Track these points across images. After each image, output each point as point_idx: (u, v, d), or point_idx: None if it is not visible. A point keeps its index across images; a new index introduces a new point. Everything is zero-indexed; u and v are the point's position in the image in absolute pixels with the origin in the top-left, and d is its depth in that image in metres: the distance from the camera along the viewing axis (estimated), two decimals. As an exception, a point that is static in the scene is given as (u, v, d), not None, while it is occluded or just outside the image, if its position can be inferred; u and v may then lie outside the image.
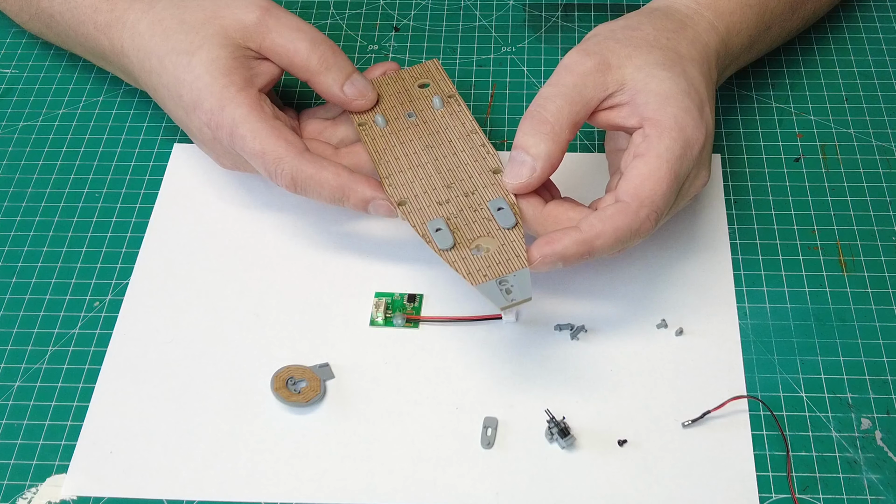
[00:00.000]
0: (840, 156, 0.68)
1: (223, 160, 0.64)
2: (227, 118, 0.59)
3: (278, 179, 0.59)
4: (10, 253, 0.65)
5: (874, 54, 0.74)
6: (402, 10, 0.79)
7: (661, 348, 0.59)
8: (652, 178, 0.54)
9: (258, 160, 0.59)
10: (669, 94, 0.56)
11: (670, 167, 0.55)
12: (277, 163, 0.59)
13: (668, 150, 0.55)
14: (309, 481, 0.55)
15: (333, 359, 0.59)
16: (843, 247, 0.64)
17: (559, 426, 0.55)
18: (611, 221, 0.54)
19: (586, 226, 0.54)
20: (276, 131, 0.59)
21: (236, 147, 0.60)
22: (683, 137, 0.55)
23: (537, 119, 0.56)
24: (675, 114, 0.56)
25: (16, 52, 0.77)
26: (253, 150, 0.59)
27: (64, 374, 0.60)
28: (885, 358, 0.59)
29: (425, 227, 0.57)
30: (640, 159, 0.55)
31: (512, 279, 0.54)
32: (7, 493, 0.55)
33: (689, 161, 0.56)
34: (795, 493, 0.54)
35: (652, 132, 0.56)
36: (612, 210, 0.54)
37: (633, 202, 0.54)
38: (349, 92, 0.62)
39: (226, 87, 0.60)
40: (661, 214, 0.55)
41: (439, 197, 0.59)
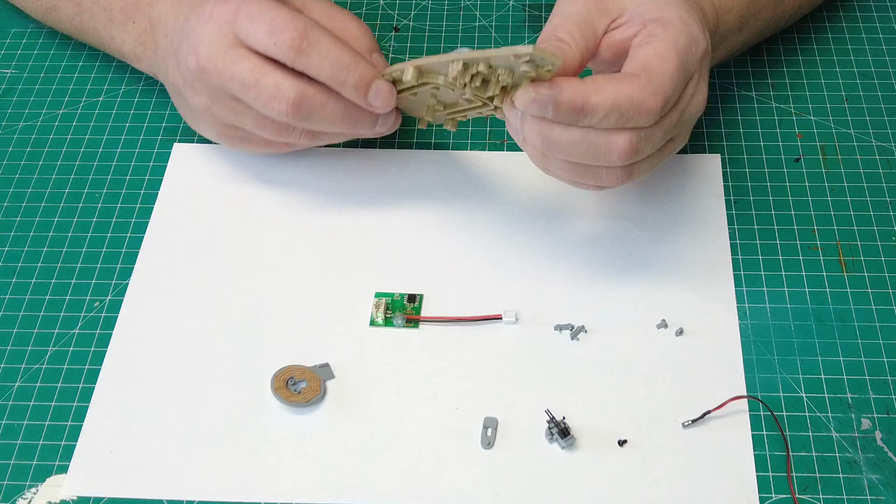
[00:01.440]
0: (840, 156, 0.68)
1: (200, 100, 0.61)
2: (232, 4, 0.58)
3: (275, 105, 0.57)
4: (10, 253, 0.65)
5: (874, 54, 0.74)
6: (402, 10, 0.79)
7: (661, 348, 0.59)
8: (660, 57, 0.53)
9: (252, 91, 0.57)
10: (670, 2, 0.56)
11: (678, 51, 0.53)
12: (276, 88, 0.57)
13: (675, 38, 0.54)
14: (309, 481, 0.55)
15: (333, 359, 0.59)
16: (843, 247, 0.64)
17: (559, 426, 0.55)
18: (615, 83, 0.52)
19: (590, 80, 0.52)
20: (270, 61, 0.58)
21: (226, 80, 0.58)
22: (689, 32, 0.54)
23: (551, 40, 0.54)
24: (679, 13, 0.55)
25: (16, 53, 0.77)
26: (244, 80, 0.58)
27: (64, 374, 0.60)
28: (885, 358, 0.59)
29: None
30: (647, 44, 0.54)
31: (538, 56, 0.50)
32: (7, 493, 0.55)
33: (694, 59, 0.54)
34: (795, 493, 0.54)
35: (656, 27, 0.54)
36: (618, 76, 0.52)
37: (641, 73, 0.52)
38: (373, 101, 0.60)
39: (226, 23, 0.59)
40: (667, 97, 0.52)
41: None
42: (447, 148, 0.69)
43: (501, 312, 0.60)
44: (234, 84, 0.59)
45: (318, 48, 0.57)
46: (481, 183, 0.67)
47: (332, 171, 0.68)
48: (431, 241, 0.64)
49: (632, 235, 0.64)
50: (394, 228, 0.65)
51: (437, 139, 0.70)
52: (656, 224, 0.64)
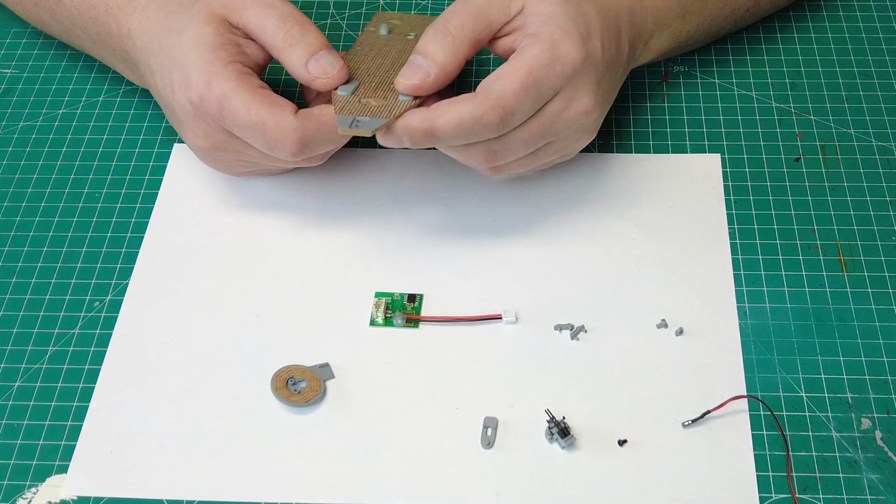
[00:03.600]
0: (840, 156, 0.68)
1: (201, 141, 0.62)
2: (214, 92, 0.58)
3: (283, 147, 0.58)
4: (10, 253, 0.65)
5: (874, 54, 0.74)
6: (401, 9, 0.79)
7: (661, 348, 0.59)
8: (507, 76, 0.57)
9: (256, 131, 0.58)
10: (552, 15, 0.59)
11: (529, 70, 0.57)
12: (278, 129, 0.58)
13: (532, 57, 0.57)
14: (309, 481, 0.55)
15: (333, 359, 0.59)
16: (843, 247, 0.64)
17: (559, 426, 0.55)
18: (455, 105, 0.56)
19: (434, 106, 0.57)
20: (269, 98, 0.59)
21: (227, 122, 0.59)
22: (553, 51, 0.57)
23: (440, 30, 0.59)
24: (552, 31, 0.58)
25: (16, 52, 0.77)
26: (248, 122, 0.58)
27: (64, 374, 0.60)
28: (886, 358, 0.59)
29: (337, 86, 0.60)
30: (505, 64, 0.58)
31: (366, 120, 0.57)
32: (7, 493, 0.55)
33: (556, 76, 0.57)
34: (795, 493, 0.54)
35: (524, 43, 0.58)
36: (463, 97, 0.57)
37: (480, 92, 0.57)
38: (313, 69, 0.60)
39: (211, 62, 0.59)
40: (507, 112, 0.56)
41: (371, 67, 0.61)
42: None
43: (501, 312, 0.60)
44: (232, 122, 0.59)
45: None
46: (482, 183, 0.67)
47: (333, 171, 0.68)
48: (431, 241, 0.64)
49: (632, 235, 0.64)
50: (394, 228, 0.65)
51: (437, 139, 0.70)
52: (656, 224, 0.64)
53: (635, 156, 0.68)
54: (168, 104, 0.63)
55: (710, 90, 0.72)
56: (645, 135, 0.69)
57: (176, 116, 0.62)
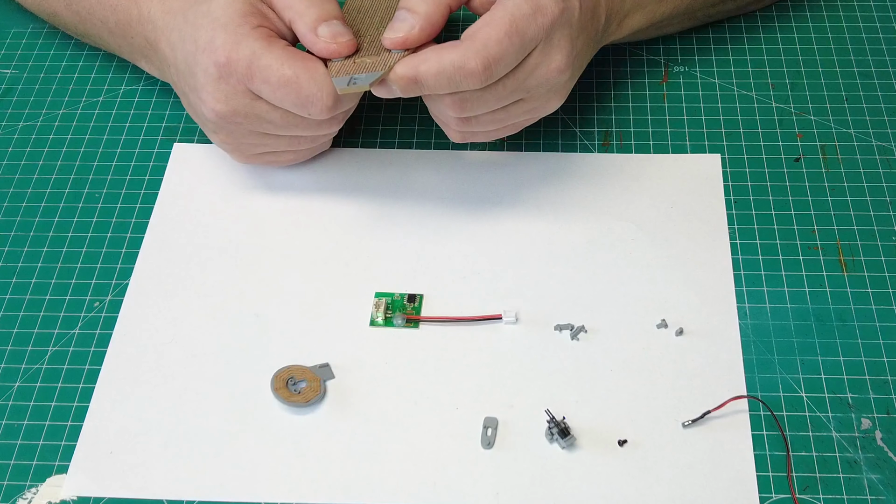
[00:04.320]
0: (840, 156, 0.68)
1: (221, 106, 0.60)
2: (244, 51, 0.58)
3: (317, 102, 0.58)
4: (10, 253, 0.65)
5: (874, 54, 0.74)
6: (402, 10, 0.78)
7: (661, 348, 0.59)
8: (490, 24, 0.57)
9: (290, 87, 0.58)
10: None
11: (513, 20, 0.57)
12: (314, 83, 0.58)
13: (515, 5, 0.57)
14: (309, 481, 0.55)
15: (333, 359, 0.59)
16: (843, 247, 0.64)
17: (559, 426, 0.55)
18: (439, 52, 0.56)
19: (419, 53, 0.57)
20: (300, 54, 0.59)
21: (256, 81, 0.58)
22: (535, 1, 0.57)
23: None
24: None
25: (16, 53, 0.77)
26: (281, 78, 0.58)
27: (64, 374, 0.60)
28: (886, 358, 0.59)
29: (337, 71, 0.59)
30: (487, 12, 0.58)
31: (363, 76, 0.57)
32: (7, 493, 0.55)
33: (538, 27, 0.57)
34: (795, 493, 0.54)
35: None
36: (447, 44, 0.57)
37: (464, 40, 0.57)
38: (322, 32, 0.59)
39: (240, 25, 0.59)
40: (492, 61, 0.56)
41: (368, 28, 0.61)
42: (447, 148, 0.69)
43: (501, 312, 0.60)
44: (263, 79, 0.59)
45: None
46: (481, 183, 0.67)
47: (333, 170, 0.68)
48: (431, 241, 0.64)
49: (632, 235, 0.64)
50: (394, 228, 0.65)
51: (437, 139, 0.70)
52: (656, 224, 0.64)
53: (635, 156, 0.68)
54: (189, 72, 0.61)
55: (710, 90, 0.72)
56: (645, 135, 0.69)
57: (196, 83, 0.61)
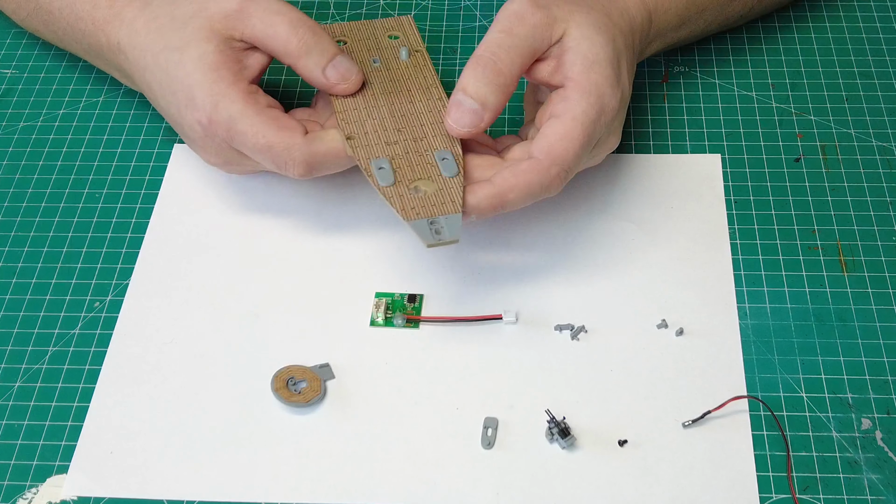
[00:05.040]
0: (840, 156, 0.68)
1: (213, 158, 0.63)
2: (222, 115, 0.59)
3: (291, 169, 0.59)
4: (11, 253, 0.65)
5: (874, 54, 0.74)
6: (402, 10, 0.79)
7: (662, 348, 0.59)
8: (566, 138, 0.57)
9: (265, 154, 0.59)
10: (596, 60, 0.58)
11: (584, 129, 0.57)
12: (287, 152, 0.58)
13: (583, 114, 0.57)
14: (309, 481, 0.55)
15: (334, 359, 0.59)
16: (843, 247, 0.64)
17: (559, 426, 0.55)
18: (523, 177, 0.56)
19: (500, 180, 0.56)
20: (276, 121, 0.59)
21: (235, 143, 0.59)
22: (600, 104, 0.58)
23: (492, 69, 0.58)
24: (597, 80, 0.58)
25: (16, 53, 0.77)
26: (257, 146, 0.59)
27: (64, 374, 0.60)
28: (886, 358, 0.59)
29: (369, 164, 0.58)
30: (556, 119, 0.57)
31: (443, 221, 0.56)
32: (7, 493, 0.55)
33: (602, 126, 0.58)
34: (796, 494, 0.54)
35: (572, 95, 0.58)
36: (525, 166, 0.57)
37: (545, 160, 0.57)
38: (331, 75, 0.61)
39: (215, 81, 0.59)
40: (570, 173, 0.58)
41: (388, 138, 0.59)
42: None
43: (501, 312, 0.60)
44: (240, 144, 0.60)
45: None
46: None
47: (333, 171, 0.68)
48: (431, 241, 0.64)
49: (632, 235, 0.64)
50: (394, 229, 0.65)
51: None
52: (656, 224, 0.64)
53: (635, 156, 0.68)
54: (175, 121, 0.63)
55: (710, 90, 0.72)
56: (645, 135, 0.69)
57: (185, 134, 0.63)
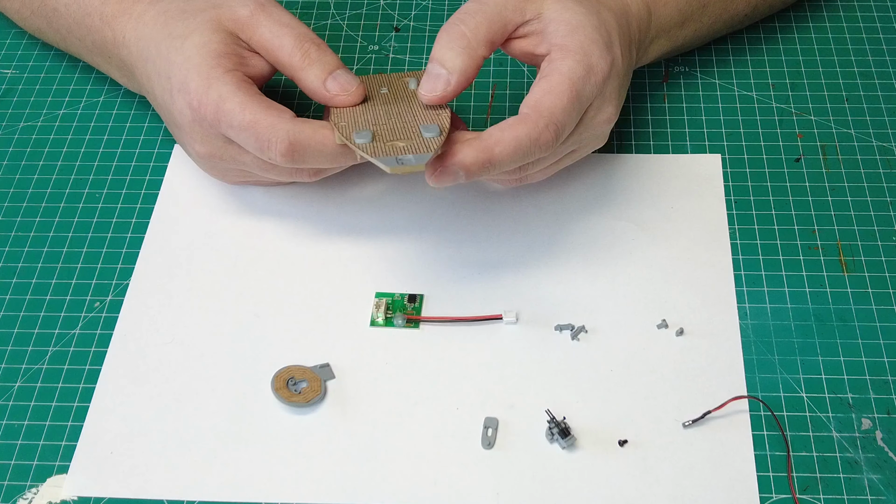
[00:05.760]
0: (840, 156, 0.68)
1: (199, 147, 0.62)
2: (212, 95, 0.59)
3: (273, 147, 0.58)
4: (11, 253, 0.65)
5: (874, 54, 0.74)
6: (402, 10, 0.79)
7: (662, 348, 0.59)
8: (552, 92, 0.57)
9: (249, 132, 0.58)
10: (579, 24, 0.59)
11: (572, 84, 0.57)
12: (271, 129, 0.58)
13: (570, 70, 0.57)
14: (309, 481, 0.55)
15: (334, 359, 0.59)
16: (843, 247, 0.64)
17: (560, 426, 0.55)
18: (510, 131, 0.56)
19: (486, 135, 0.56)
20: (265, 102, 0.59)
21: (223, 125, 0.59)
22: (587, 62, 0.58)
23: (455, 33, 0.58)
24: (581, 41, 0.58)
25: (16, 53, 0.77)
26: (243, 122, 0.58)
27: (64, 374, 0.60)
28: (886, 358, 0.59)
29: (351, 134, 0.57)
30: (543, 78, 0.58)
31: (412, 157, 0.55)
32: (7, 493, 0.55)
33: (593, 86, 0.58)
34: (796, 494, 0.54)
35: (557, 55, 0.58)
36: (512, 120, 0.57)
37: (532, 113, 0.56)
38: (331, 87, 0.61)
39: (213, 67, 0.59)
40: (560, 128, 0.57)
41: (378, 121, 0.59)
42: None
43: (501, 312, 0.60)
44: (227, 124, 0.59)
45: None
46: (481, 184, 0.67)
47: (333, 171, 0.68)
48: (432, 241, 0.64)
49: (632, 235, 0.64)
50: (394, 229, 0.65)
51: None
52: (656, 224, 0.64)
53: (635, 156, 0.68)
54: (167, 109, 0.63)
55: (710, 90, 0.72)
56: (645, 135, 0.69)
57: (174, 121, 0.62)
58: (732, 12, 0.71)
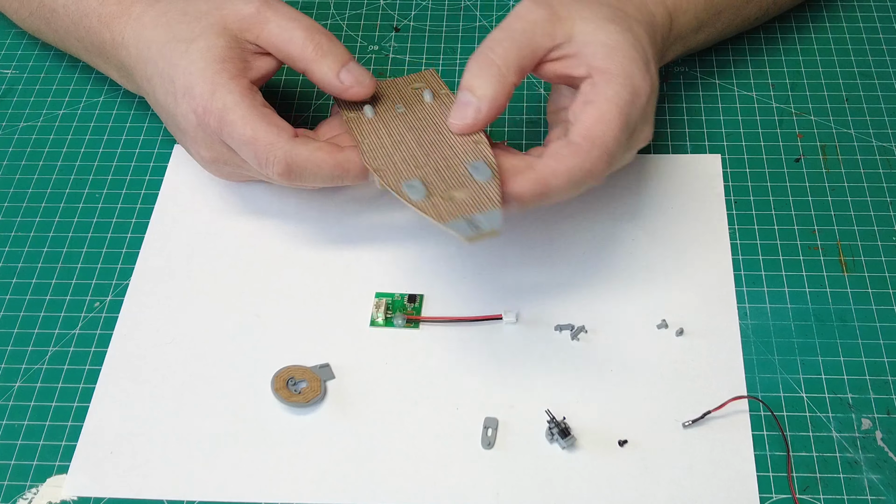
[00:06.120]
0: (840, 156, 0.68)
1: (203, 151, 0.62)
2: (217, 102, 0.59)
3: (271, 167, 0.58)
4: (11, 253, 0.65)
5: (874, 54, 0.74)
6: (402, 10, 0.79)
7: (662, 348, 0.59)
8: (602, 120, 0.56)
9: (249, 147, 0.58)
10: (617, 45, 0.58)
11: (620, 111, 0.56)
12: (270, 148, 0.58)
13: (616, 95, 0.56)
14: (309, 481, 0.55)
15: (334, 359, 0.59)
16: (843, 247, 0.64)
17: (559, 426, 0.55)
18: (564, 161, 0.55)
19: (541, 166, 0.55)
20: (267, 117, 0.59)
21: (224, 133, 0.59)
22: (631, 84, 0.57)
23: (484, 61, 0.57)
24: (623, 62, 0.57)
25: (16, 53, 0.77)
26: (243, 136, 0.58)
27: (64, 374, 0.60)
28: (886, 358, 0.59)
29: (399, 185, 0.56)
30: (590, 105, 0.57)
31: (482, 217, 0.54)
32: (7, 493, 0.55)
33: (637, 109, 0.57)
34: (796, 494, 0.54)
35: (600, 79, 0.57)
36: (566, 151, 0.55)
37: (584, 143, 0.55)
38: (345, 79, 0.61)
39: (218, 72, 0.59)
40: (613, 156, 0.56)
41: (417, 162, 0.58)
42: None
43: (501, 312, 0.60)
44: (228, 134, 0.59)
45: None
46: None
47: (333, 171, 0.68)
48: (432, 241, 0.64)
49: (632, 235, 0.64)
50: (394, 229, 0.65)
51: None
52: (656, 224, 0.64)
53: (636, 156, 0.68)
54: (170, 112, 0.63)
55: (710, 90, 0.72)
56: (645, 135, 0.69)
57: (178, 125, 0.62)
58: (745, 16, 0.71)
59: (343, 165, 0.58)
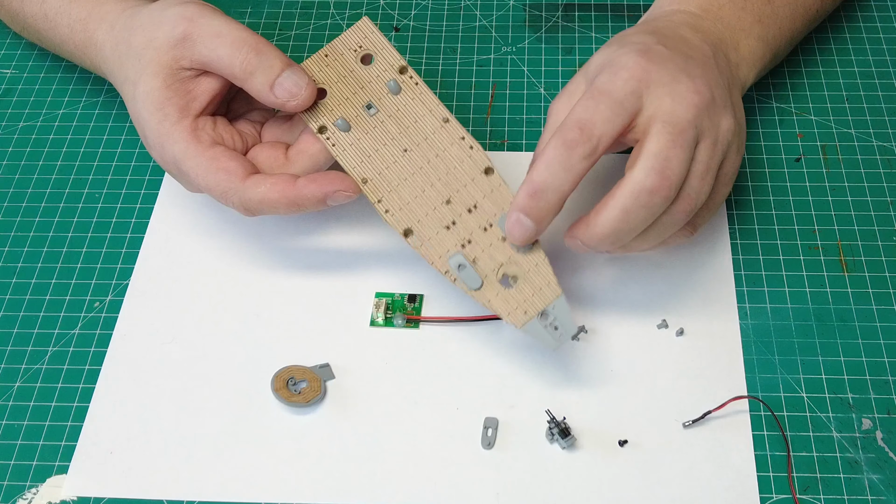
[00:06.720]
0: (841, 156, 0.68)
1: (179, 184, 0.63)
2: (168, 155, 0.58)
3: (231, 207, 0.59)
4: (11, 253, 0.65)
5: (874, 54, 0.74)
6: (402, 10, 0.79)
7: (662, 349, 0.59)
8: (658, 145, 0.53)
9: (208, 194, 0.59)
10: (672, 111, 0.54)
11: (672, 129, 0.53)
12: (224, 195, 0.57)
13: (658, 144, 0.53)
14: (309, 482, 0.55)
15: (334, 359, 0.59)
16: (843, 247, 0.64)
17: (560, 426, 0.55)
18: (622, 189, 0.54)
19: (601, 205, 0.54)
20: (216, 163, 0.57)
21: (183, 180, 0.60)
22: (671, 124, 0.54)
23: None
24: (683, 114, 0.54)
25: (16, 53, 0.77)
26: (199, 188, 0.59)
27: (64, 374, 0.60)
28: (886, 358, 0.59)
29: (445, 263, 0.57)
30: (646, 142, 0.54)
31: (552, 311, 0.55)
32: (7, 493, 0.55)
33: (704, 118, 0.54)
34: (796, 494, 0.54)
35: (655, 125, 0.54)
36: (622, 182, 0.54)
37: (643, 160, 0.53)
38: (279, 94, 0.58)
39: (160, 122, 0.58)
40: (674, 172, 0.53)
41: (443, 218, 0.57)
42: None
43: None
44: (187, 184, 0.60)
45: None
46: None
47: (333, 171, 0.68)
48: (432, 241, 0.64)
49: (632, 235, 0.64)
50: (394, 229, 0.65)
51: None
52: (657, 224, 0.64)
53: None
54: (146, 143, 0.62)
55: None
56: (645, 135, 0.69)
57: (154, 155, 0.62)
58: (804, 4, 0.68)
59: (297, 202, 0.57)
